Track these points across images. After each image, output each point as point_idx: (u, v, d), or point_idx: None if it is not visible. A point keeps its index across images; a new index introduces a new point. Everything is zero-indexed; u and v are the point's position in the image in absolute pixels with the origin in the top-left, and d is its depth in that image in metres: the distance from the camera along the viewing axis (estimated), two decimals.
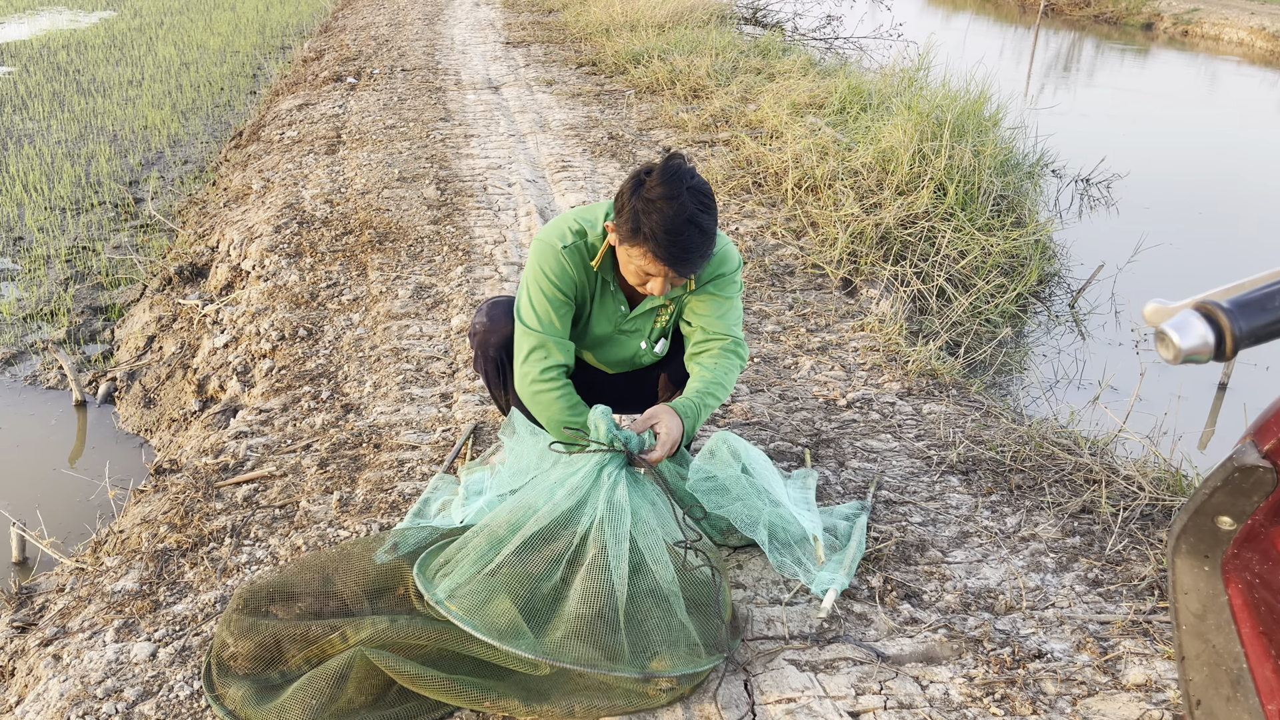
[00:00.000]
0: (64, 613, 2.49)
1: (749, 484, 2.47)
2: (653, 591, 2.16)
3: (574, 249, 2.47)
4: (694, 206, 2.26)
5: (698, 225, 2.27)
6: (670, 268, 2.31)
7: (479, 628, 1.98)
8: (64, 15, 14.74)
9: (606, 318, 2.60)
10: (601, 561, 2.13)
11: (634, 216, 2.27)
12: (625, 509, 2.23)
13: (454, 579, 2.10)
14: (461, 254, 4.71)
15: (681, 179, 2.27)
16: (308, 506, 2.80)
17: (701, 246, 2.31)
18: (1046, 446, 3.12)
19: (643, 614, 2.11)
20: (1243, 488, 0.98)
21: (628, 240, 2.31)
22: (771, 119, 6.61)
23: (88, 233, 6.04)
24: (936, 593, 2.44)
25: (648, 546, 2.23)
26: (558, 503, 2.23)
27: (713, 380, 2.49)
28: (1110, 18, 18.19)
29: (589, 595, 2.07)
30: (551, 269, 2.46)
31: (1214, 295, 0.96)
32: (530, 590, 2.08)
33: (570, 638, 2.00)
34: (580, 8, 12.13)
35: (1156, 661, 2.20)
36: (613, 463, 2.32)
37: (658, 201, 2.24)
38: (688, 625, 2.13)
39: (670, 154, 2.35)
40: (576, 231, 2.48)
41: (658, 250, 2.27)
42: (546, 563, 2.13)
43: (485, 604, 2.03)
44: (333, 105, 7.75)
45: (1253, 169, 8.96)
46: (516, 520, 2.21)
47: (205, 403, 3.87)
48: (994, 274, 4.91)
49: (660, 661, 2.03)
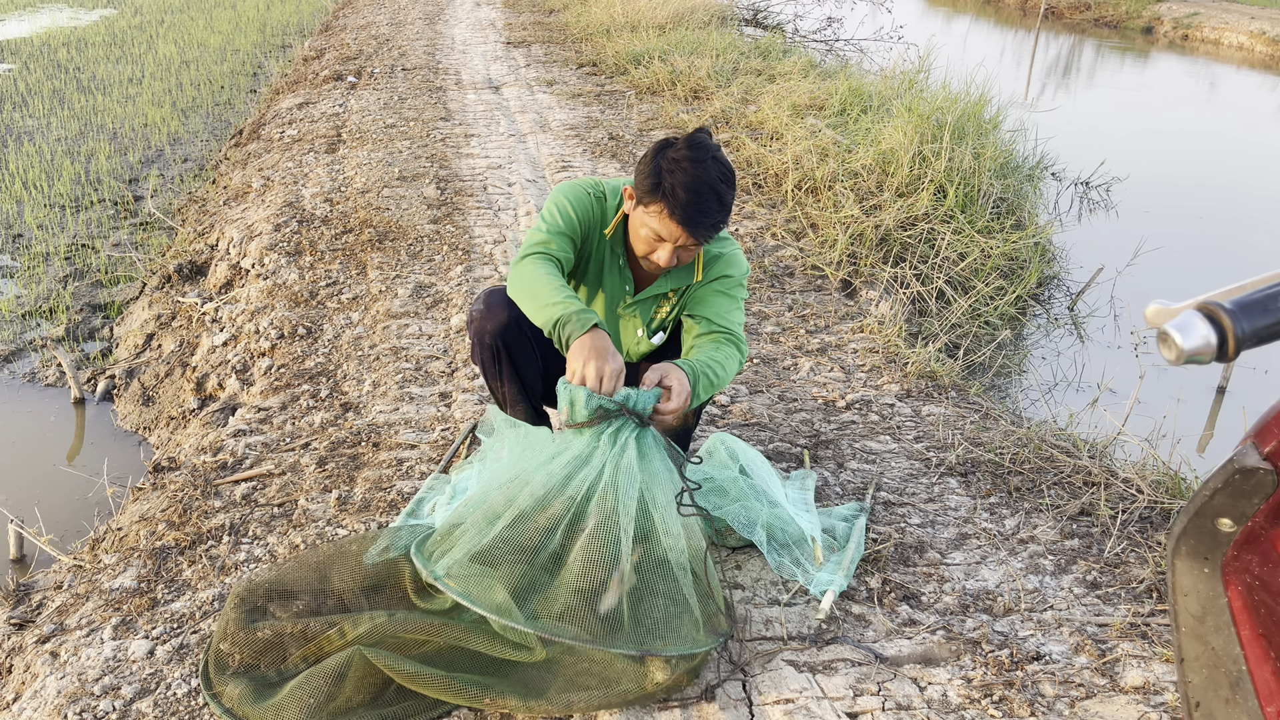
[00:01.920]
0: (62, 610, 2.49)
1: (747, 485, 2.47)
2: (662, 563, 2.09)
3: (598, 198, 2.50)
4: (716, 174, 2.28)
5: (717, 193, 2.29)
6: (684, 228, 2.29)
7: (477, 602, 1.96)
8: (64, 13, 14.73)
9: (610, 293, 2.59)
10: (605, 531, 2.06)
11: (656, 172, 2.29)
12: (635, 474, 2.13)
13: (452, 556, 2.08)
14: (461, 253, 4.71)
15: (708, 149, 2.30)
16: (306, 505, 2.80)
17: (717, 214, 2.31)
18: (1045, 449, 3.12)
19: (646, 587, 2.07)
20: (1243, 489, 0.98)
21: (646, 197, 2.31)
22: (772, 120, 6.61)
23: (87, 230, 6.03)
24: (935, 594, 2.44)
25: (661, 509, 2.13)
26: (554, 470, 2.16)
27: (710, 358, 2.40)
28: (1110, 21, 18.20)
29: (590, 566, 2.02)
30: (577, 199, 2.48)
31: (1216, 296, 0.96)
32: (528, 561, 2.04)
33: (569, 611, 1.96)
34: (581, 8, 12.13)
35: (1155, 664, 2.20)
36: (620, 424, 2.18)
37: (683, 162, 2.27)
38: (692, 601, 2.09)
39: (699, 128, 2.37)
40: (600, 190, 2.52)
41: (674, 208, 2.27)
42: (543, 530, 2.08)
43: (482, 578, 2.01)
44: (333, 104, 7.75)
45: (1253, 173, 8.97)
46: (512, 494, 2.17)
47: (204, 401, 3.87)
48: (993, 276, 4.92)
49: (659, 640, 2.01)
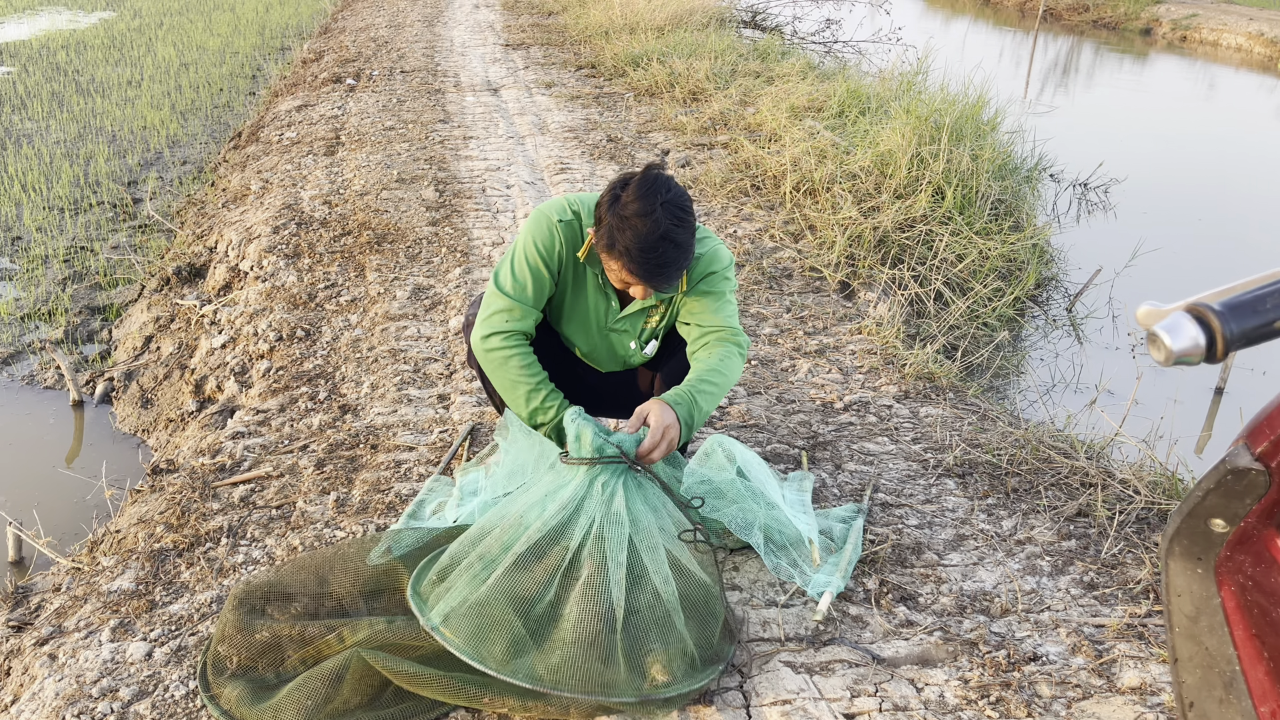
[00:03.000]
0: (60, 612, 2.49)
1: (744, 487, 2.48)
2: (651, 607, 2.12)
3: (569, 225, 2.50)
4: (668, 222, 2.27)
5: (672, 240, 2.28)
6: (645, 283, 2.35)
7: (474, 656, 1.98)
8: (63, 15, 14.73)
9: (595, 313, 2.60)
10: (598, 581, 2.10)
11: (609, 232, 2.31)
12: (624, 520, 2.20)
13: (448, 602, 2.08)
14: (460, 255, 4.71)
15: (657, 193, 2.28)
16: (305, 507, 2.80)
17: (677, 260, 2.33)
18: (1043, 450, 3.12)
19: (642, 631, 2.07)
20: (1235, 490, 0.98)
21: (604, 252, 2.37)
22: (770, 122, 6.62)
23: (86, 233, 6.03)
24: (932, 595, 2.44)
25: (650, 551, 2.20)
26: (548, 518, 2.20)
27: (707, 369, 2.47)
28: (1109, 23, 18.22)
29: (585, 619, 2.04)
30: (542, 240, 2.48)
31: (1206, 297, 0.96)
32: (524, 612, 2.06)
33: (567, 664, 1.98)
34: (580, 10, 12.14)
35: (1151, 665, 2.21)
36: (606, 471, 2.26)
37: (632, 219, 2.26)
38: (686, 639, 2.10)
39: (647, 166, 2.36)
40: (574, 212, 2.52)
41: (632, 266, 2.31)
42: (539, 582, 2.11)
43: (480, 630, 2.02)
44: (332, 106, 7.76)
45: (1251, 174, 8.98)
46: (509, 538, 2.19)
47: (202, 403, 3.87)
48: (991, 278, 4.92)
49: (658, 676, 2.02)
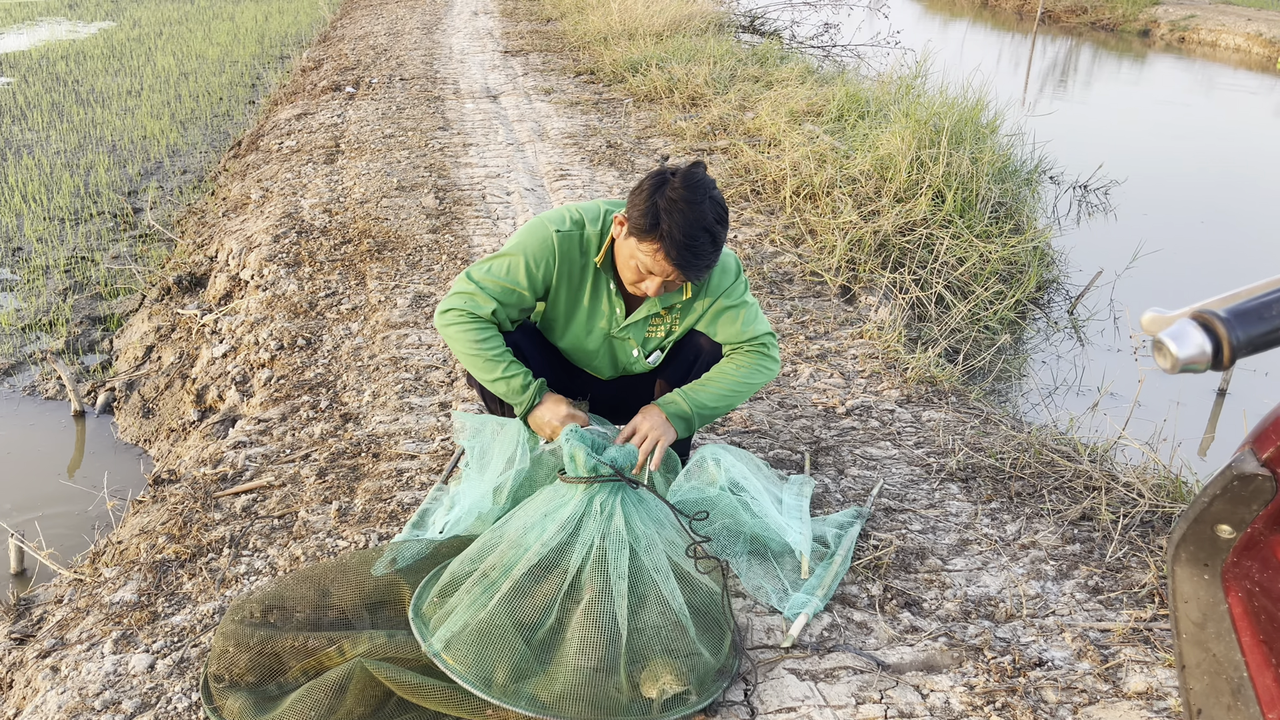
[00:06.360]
0: (62, 624, 2.48)
1: (734, 501, 2.45)
2: (657, 626, 2.10)
3: (569, 236, 2.48)
4: (712, 215, 2.28)
5: (712, 235, 2.29)
6: (679, 269, 2.32)
7: (477, 684, 1.97)
8: (63, 26, 14.76)
9: (599, 320, 2.58)
10: (600, 605, 2.08)
11: (653, 212, 2.27)
12: (624, 541, 2.18)
13: (449, 627, 2.07)
14: (460, 263, 4.71)
15: (704, 187, 2.29)
16: (306, 516, 2.80)
17: (711, 256, 2.33)
18: (1046, 453, 3.11)
19: (646, 650, 2.06)
20: (1241, 496, 0.98)
21: (642, 235, 2.30)
22: (769, 127, 6.62)
23: (86, 243, 6.04)
24: (936, 601, 2.43)
25: (655, 566, 2.19)
26: (548, 539, 2.18)
27: (710, 376, 2.51)
28: (1107, 25, 18.24)
29: (587, 644, 2.02)
30: (533, 252, 2.45)
31: (1211, 304, 0.95)
32: (527, 638, 2.05)
33: (570, 691, 1.97)
34: (578, 17, 12.16)
35: (1158, 669, 2.20)
36: (604, 489, 2.23)
37: (680, 203, 2.25)
38: (699, 648, 2.09)
39: (694, 162, 2.37)
40: (575, 221, 2.50)
41: (670, 250, 2.27)
42: (540, 607, 2.09)
43: (481, 657, 2.01)
44: (331, 115, 7.76)
45: (1251, 174, 8.98)
46: (509, 560, 2.17)
47: (204, 413, 3.87)
48: (992, 281, 4.91)
49: (671, 685, 2.01)
